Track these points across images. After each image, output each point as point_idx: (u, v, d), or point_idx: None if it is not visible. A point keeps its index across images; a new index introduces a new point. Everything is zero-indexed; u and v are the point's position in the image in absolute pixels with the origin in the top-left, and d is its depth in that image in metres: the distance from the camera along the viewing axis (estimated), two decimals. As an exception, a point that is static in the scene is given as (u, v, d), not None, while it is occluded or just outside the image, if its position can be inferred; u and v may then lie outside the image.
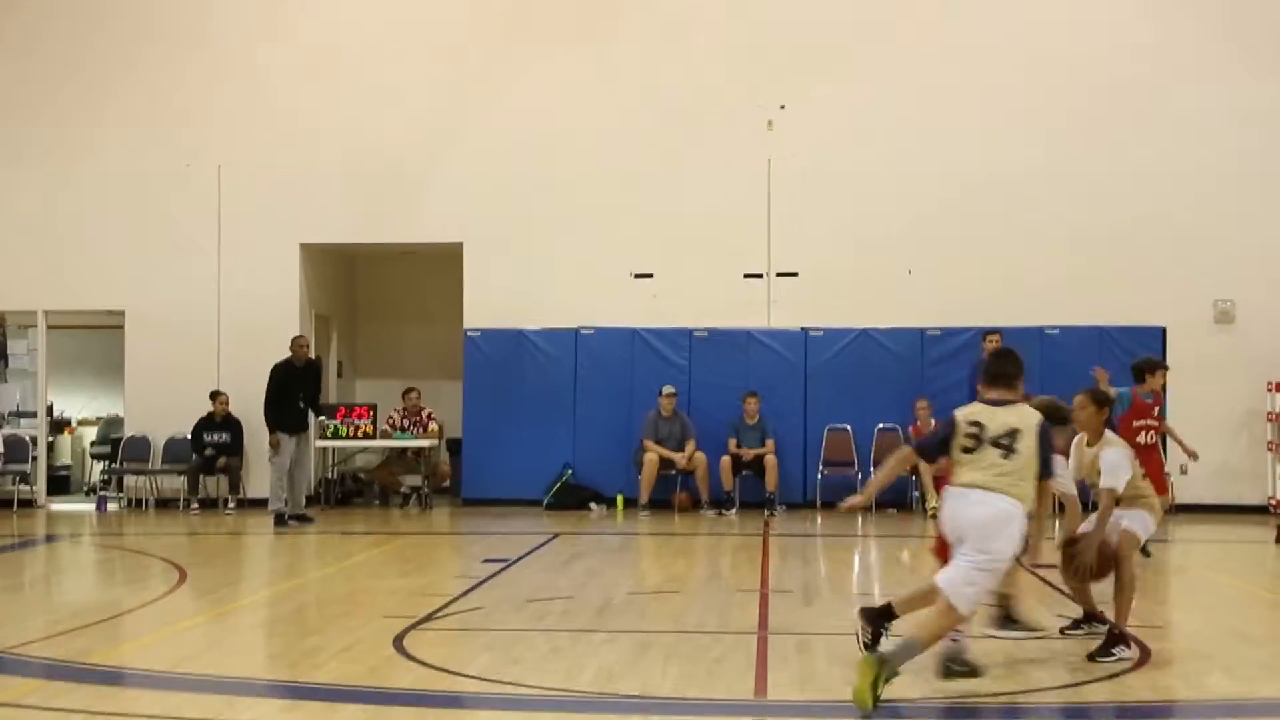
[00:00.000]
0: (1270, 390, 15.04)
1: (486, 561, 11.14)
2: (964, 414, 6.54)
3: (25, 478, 16.47)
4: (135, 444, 16.42)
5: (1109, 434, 7.53)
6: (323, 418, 15.65)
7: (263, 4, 16.88)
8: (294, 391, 14.57)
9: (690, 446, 15.41)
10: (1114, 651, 7.05)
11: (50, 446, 17.29)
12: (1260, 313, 15.17)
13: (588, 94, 16.41)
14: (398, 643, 7.64)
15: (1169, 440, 12.48)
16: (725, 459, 15.32)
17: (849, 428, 15.73)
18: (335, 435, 16.06)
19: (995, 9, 16.07)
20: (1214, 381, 15.11)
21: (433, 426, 16.26)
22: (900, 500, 15.32)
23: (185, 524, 14.75)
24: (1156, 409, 11.55)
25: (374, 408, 16.29)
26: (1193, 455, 11.84)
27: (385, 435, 16.21)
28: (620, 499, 15.65)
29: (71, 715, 6.15)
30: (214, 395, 15.86)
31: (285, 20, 16.79)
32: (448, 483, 16.57)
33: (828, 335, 15.95)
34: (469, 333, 16.31)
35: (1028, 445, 6.34)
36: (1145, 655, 7.15)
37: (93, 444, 18.14)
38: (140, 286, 16.27)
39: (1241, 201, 15.49)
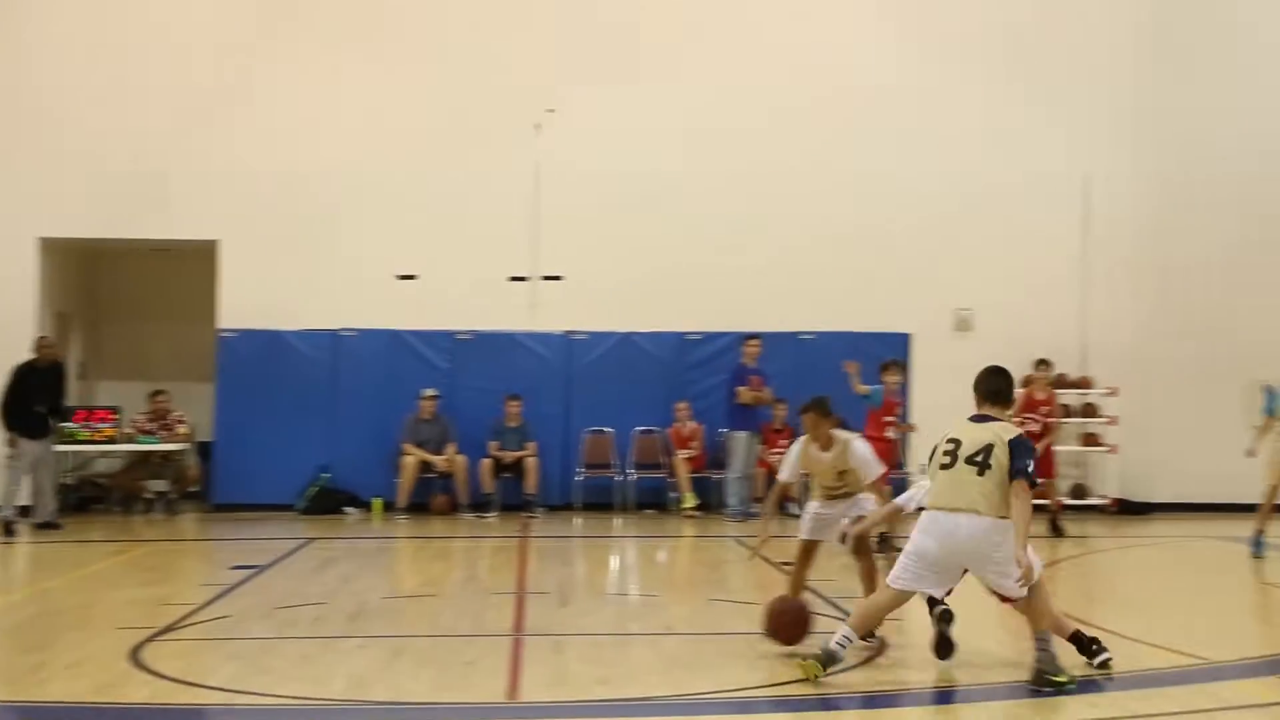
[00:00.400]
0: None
1: (235, 568, 10.74)
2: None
3: None
4: None
5: (840, 432, 7.76)
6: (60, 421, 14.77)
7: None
8: (33, 394, 13.77)
9: (451, 449, 15.26)
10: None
11: None
12: (996, 320, 16.00)
13: (353, 92, 16.06)
14: (134, 656, 7.28)
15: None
16: (486, 462, 15.23)
17: (610, 431, 15.86)
18: (74, 439, 15.19)
19: (756, 18, 16.45)
20: (956, 385, 15.80)
21: (181, 430, 15.59)
22: (659, 501, 15.53)
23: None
24: (900, 408, 12.30)
25: (118, 410, 15.51)
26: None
27: (130, 439, 15.45)
28: (378, 503, 15.36)
29: None
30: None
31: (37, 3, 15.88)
32: (196, 487, 15.92)
33: (591, 339, 16.05)
34: (223, 333, 15.73)
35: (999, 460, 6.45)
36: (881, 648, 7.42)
37: None
38: None
39: (980, 216, 16.32)
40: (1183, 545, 13.12)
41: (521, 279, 16.15)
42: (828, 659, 6.53)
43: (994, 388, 6.85)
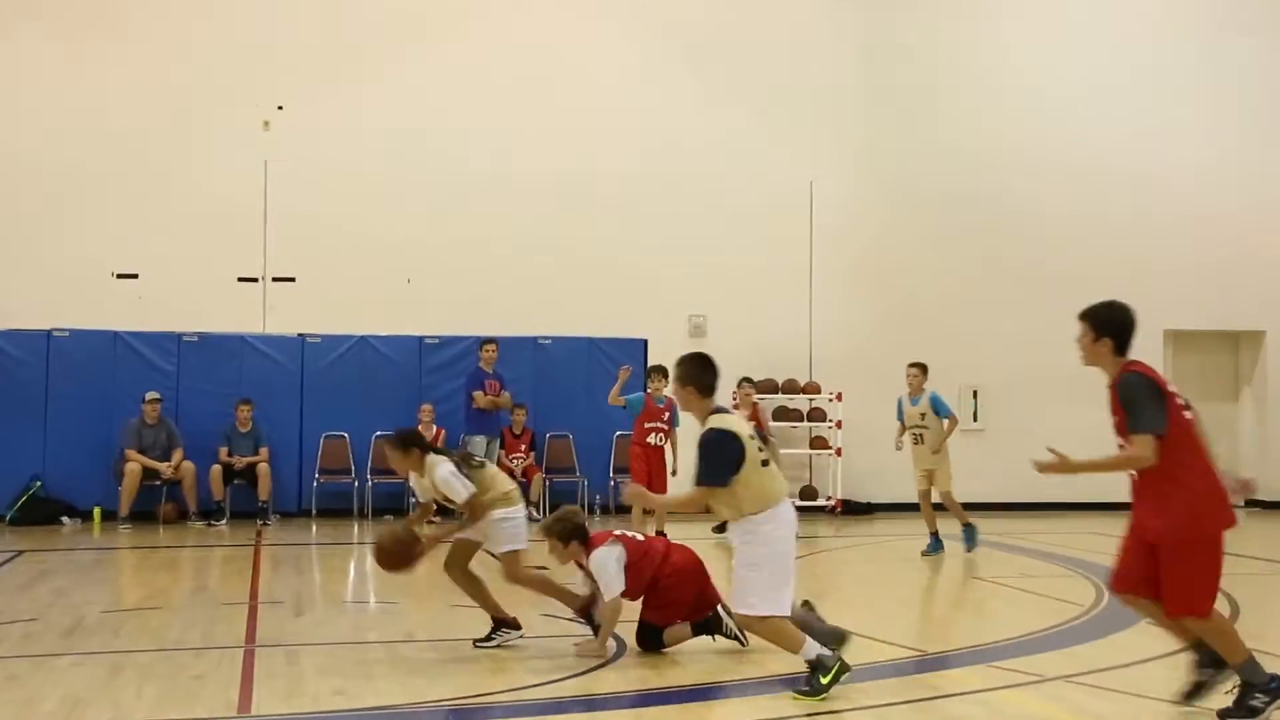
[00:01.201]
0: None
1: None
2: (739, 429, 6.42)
3: None
4: None
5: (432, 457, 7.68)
6: None
7: None
8: None
9: (177, 455, 14.62)
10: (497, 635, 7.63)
11: None
12: (728, 326, 16.47)
13: (74, 85, 15.35)
14: None
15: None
16: (215, 468, 14.67)
17: (346, 435, 15.54)
18: None
19: (501, 21, 16.48)
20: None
21: None
22: (398, 506, 15.30)
23: None
24: (668, 414, 12.45)
25: None
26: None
27: None
28: (98, 512, 14.58)
29: None
30: None
31: None
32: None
33: (325, 342, 15.69)
34: None
35: None
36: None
37: None
38: None
39: (715, 224, 16.78)
40: (898, 543, 13.80)
41: (251, 280, 15.67)
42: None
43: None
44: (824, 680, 6.31)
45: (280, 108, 15.70)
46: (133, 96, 15.49)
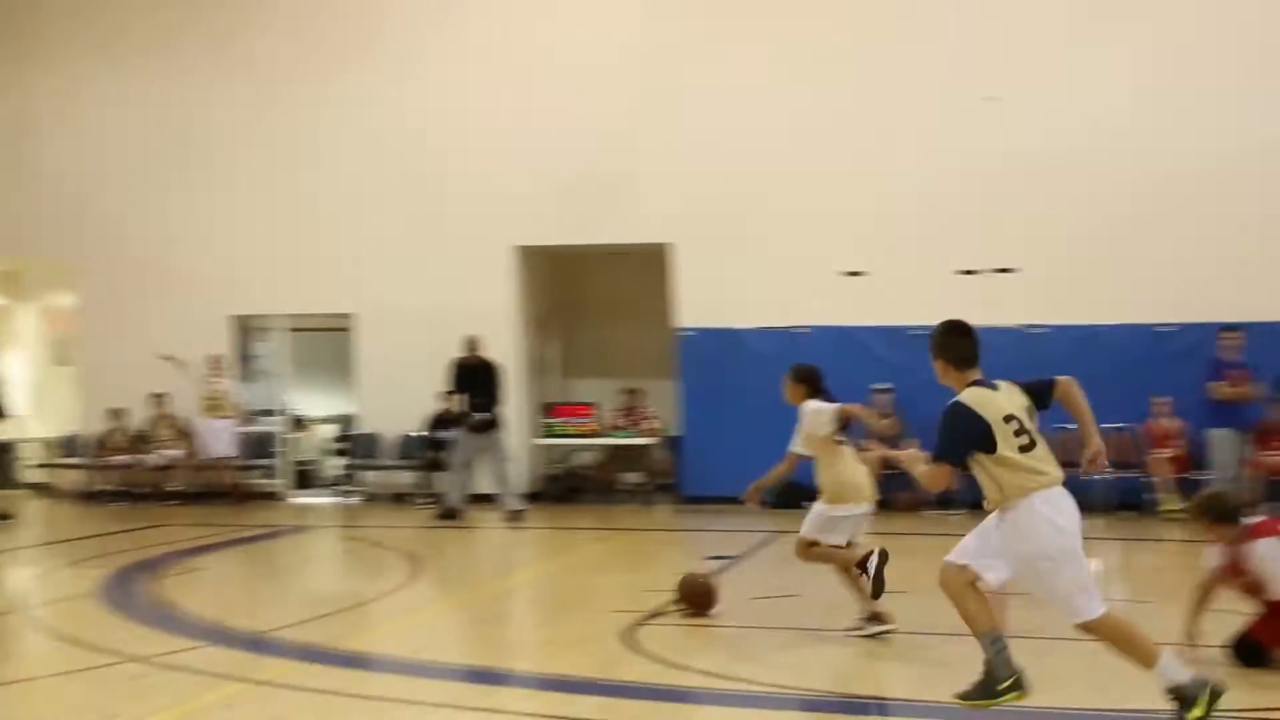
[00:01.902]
0: None
1: (709, 559, 11.24)
2: (986, 407, 5.76)
3: (270, 471, 17.66)
4: (367, 441, 17.21)
5: None
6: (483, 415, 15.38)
7: (465, 24, 17.35)
8: (466, 389, 14.94)
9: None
10: None
11: (291, 442, 18.25)
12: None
13: (794, 90, 16.22)
14: (625, 637, 7.81)
15: None
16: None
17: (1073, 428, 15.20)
18: (556, 433, 16.50)
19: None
20: None
21: (651, 425, 16.50)
22: (1136, 501, 14.75)
23: (417, 518, 15.27)
24: None
25: (593, 406, 16.66)
26: None
27: (604, 433, 16.55)
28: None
29: (328, 697, 6.52)
30: (446, 394, 16.44)
31: (492, 35, 17.21)
32: (668, 480, 16.77)
33: (1050, 332, 15.44)
34: (682, 332, 16.47)
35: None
36: None
37: (330, 440, 19.05)
38: (366, 290, 17.02)
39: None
40: None
41: (971, 272, 15.83)
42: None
43: (974, 350, 6.07)
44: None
45: (995, 98, 15.63)
46: (851, 100, 16.08)
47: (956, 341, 6.01)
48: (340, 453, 18.24)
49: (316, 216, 17.51)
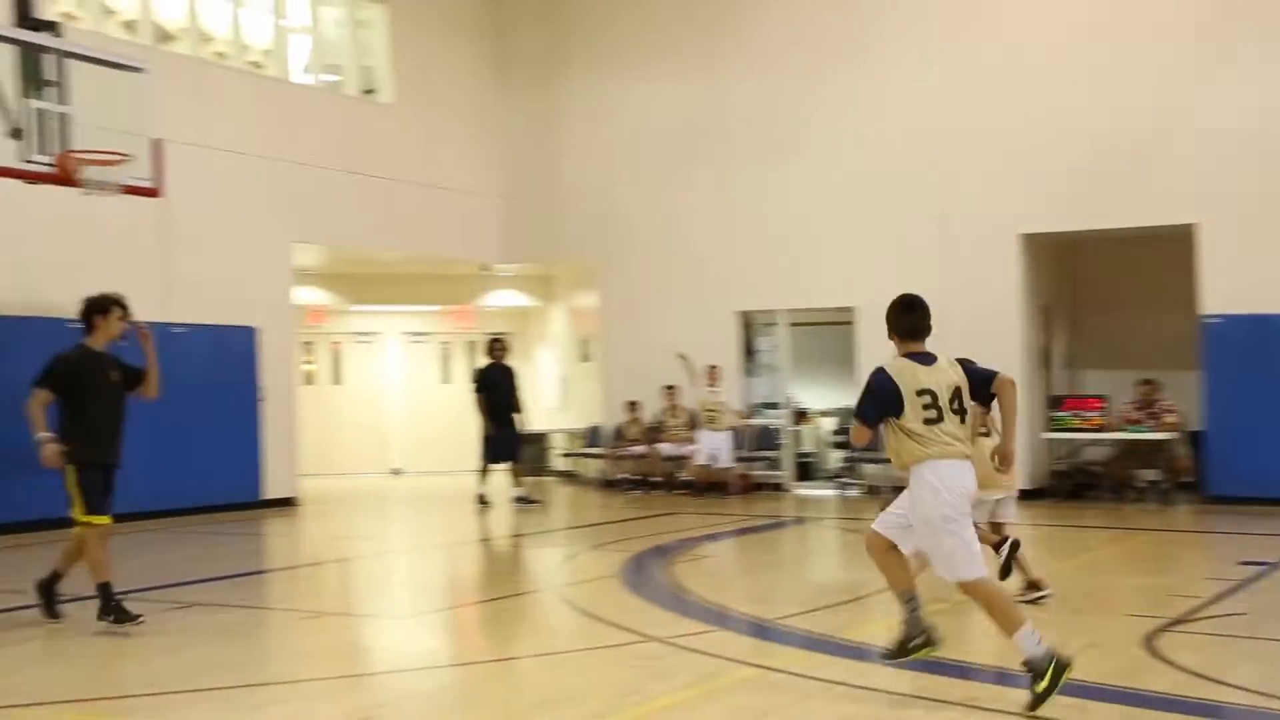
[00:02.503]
0: None
1: (1242, 564, 10.30)
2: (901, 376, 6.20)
3: (774, 464, 18.11)
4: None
5: None
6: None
7: (975, 6, 16.93)
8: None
9: None
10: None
11: (793, 435, 18.63)
12: None
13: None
14: (1147, 643, 7.31)
15: None
16: None
17: None
18: (1064, 427, 15.77)
19: None
20: None
21: (1169, 418, 15.40)
22: None
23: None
24: None
25: (1104, 399, 15.77)
26: None
27: (1117, 427, 15.62)
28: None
29: (832, 686, 6.55)
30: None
31: (1001, 17, 16.72)
32: (1189, 478, 15.59)
33: None
34: (1208, 319, 15.23)
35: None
36: None
37: (833, 433, 19.29)
38: (869, 283, 17.00)
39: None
40: None
41: None
42: None
43: (924, 323, 6.45)
44: None
45: None
46: None
47: (900, 315, 6.42)
48: (840, 445, 18.41)
49: (817, 211, 17.79)
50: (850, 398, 17.94)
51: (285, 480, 16.99)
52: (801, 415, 19.25)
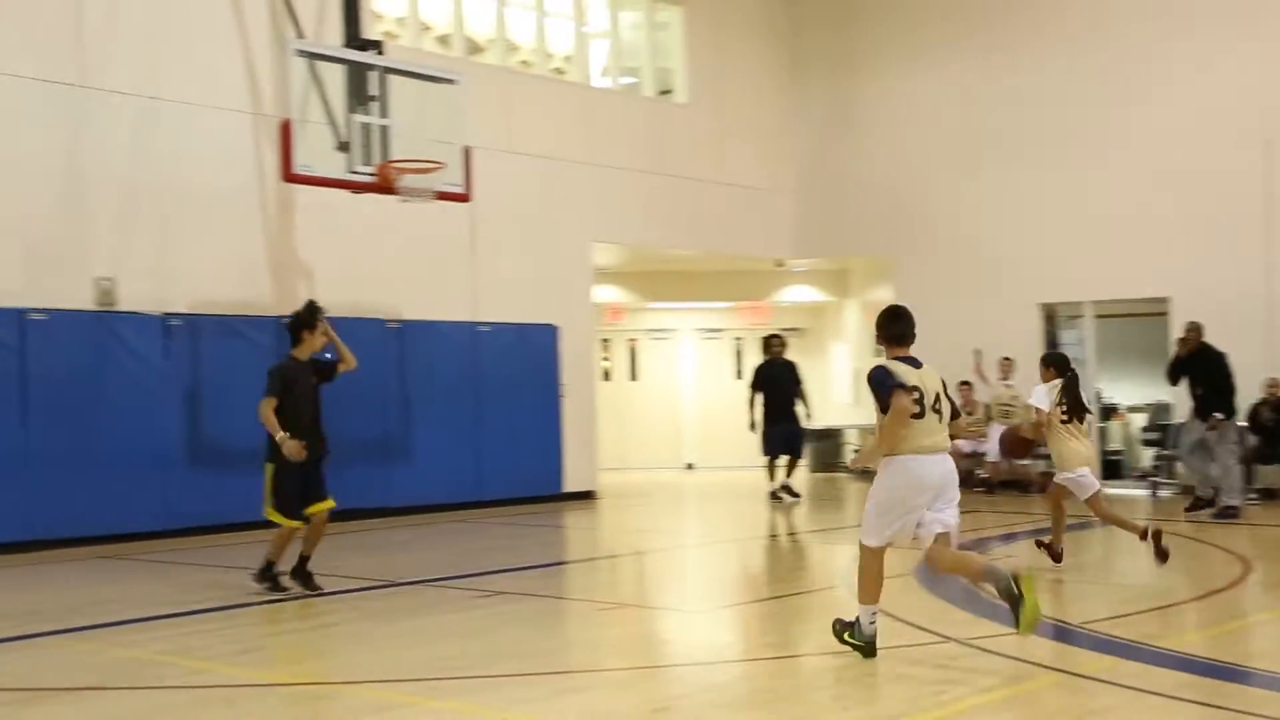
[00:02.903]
0: None
1: None
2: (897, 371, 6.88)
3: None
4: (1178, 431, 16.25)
5: None
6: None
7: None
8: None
9: None
10: None
11: (1102, 432, 17.79)
12: None
13: None
14: None
15: None
16: None
17: None
18: None
19: None
20: None
21: None
22: None
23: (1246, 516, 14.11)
24: None
25: None
26: None
27: None
28: None
29: (1143, 695, 6.23)
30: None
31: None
32: None
33: None
34: None
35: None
36: None
37: (1143, 430, 18.34)
38: (1184, 273, 16.08)
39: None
40: None
41: None
42: None
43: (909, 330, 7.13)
44: None
45: None
46: None
47: (890, 323, 7.14)
48: (1150, 443, 17.50)
49: (1126, 198, 17.01)
50: (1163, 392, 17.07)
51: (585, 474, 17.52)
52: (1110, 411, 18.38)
